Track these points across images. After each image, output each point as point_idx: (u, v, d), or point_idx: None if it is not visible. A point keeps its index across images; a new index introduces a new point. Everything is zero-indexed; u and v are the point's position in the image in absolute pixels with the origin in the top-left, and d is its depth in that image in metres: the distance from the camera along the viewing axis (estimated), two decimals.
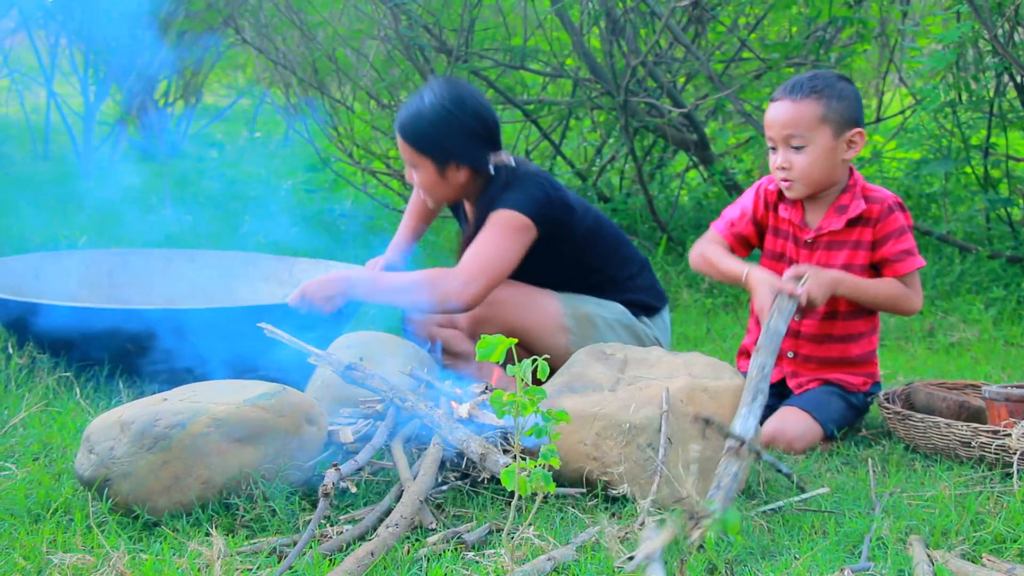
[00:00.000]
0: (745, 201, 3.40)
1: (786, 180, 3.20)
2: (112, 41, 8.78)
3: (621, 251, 3.64)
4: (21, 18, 9.09)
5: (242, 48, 8.79)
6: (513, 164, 3.48)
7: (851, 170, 3.27)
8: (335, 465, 2.40)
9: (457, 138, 3.36)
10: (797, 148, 3.16)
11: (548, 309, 3.46)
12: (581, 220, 3.51)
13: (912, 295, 3.25)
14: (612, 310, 3.53)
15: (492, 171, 3.43)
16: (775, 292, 3.05)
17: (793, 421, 3.11)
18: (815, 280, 3.08)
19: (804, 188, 3.21)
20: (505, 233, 3.32)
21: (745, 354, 3.43)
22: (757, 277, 3.18)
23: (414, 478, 2.44)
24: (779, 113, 3.17)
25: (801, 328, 3.30)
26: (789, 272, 3.12)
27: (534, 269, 3.45)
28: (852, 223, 3.22)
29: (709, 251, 3.40)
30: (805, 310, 3.12)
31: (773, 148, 3.22)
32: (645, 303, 3.61)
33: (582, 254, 3.53)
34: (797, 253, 3.29)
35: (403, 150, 3.43)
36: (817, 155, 3.15)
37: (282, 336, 2.81)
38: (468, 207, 3.60)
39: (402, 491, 2.43)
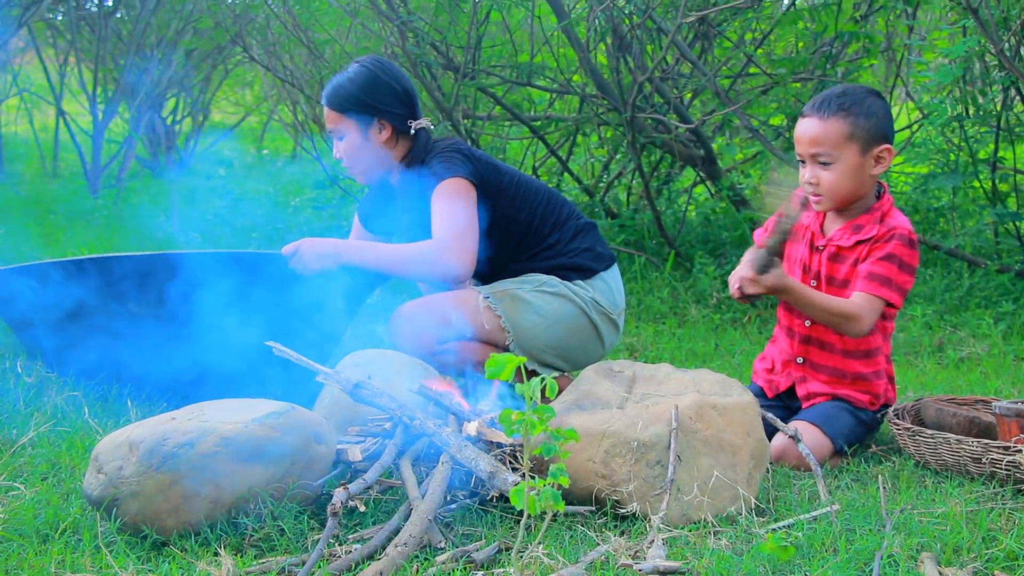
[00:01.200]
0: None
1: (814, 195, 3.22)
2: (120, 60, 8.83)
3: (559, 212, 3.68)
4: (30, 37, 9.13)
5: (250, 66, 8.82)
6: (431, 128, 3.65)
7: (884, 191, 3.28)
8: (343, 484, 2.40)
9: (379, 94, 3.53)
10: (824, 164, 3.17)
11: (466, 295, 3.54)
12: (509, 180, 3.60)
13: (858, 314, 3.15)
14: (531, 281, 3.58)
15: (413, 133, 3.58)
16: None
17: (803, 436, 3.10)
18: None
19: (831, 203, 3.23)
20: (456, 199, 3.42)
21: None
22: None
23: (423, 497, 2.44)
24: (807, 130, 3.19)
25: (811, 333, 3.30)
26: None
27: None
28: (861, 242, 3.22)
29: None
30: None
31: (802, 162, 3.24)
32: (580, 266, 3.64)
33: (516, 212, 3.60)
34: (810, 258, 3.32)
35: (329, 120, 3.59)
36: (844, 172, 3.17)
37: (291, 355, 2.80)
38: (394, 178, 3.68)
39: (411, 510, 2.43)
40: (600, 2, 5.26)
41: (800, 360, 3.33)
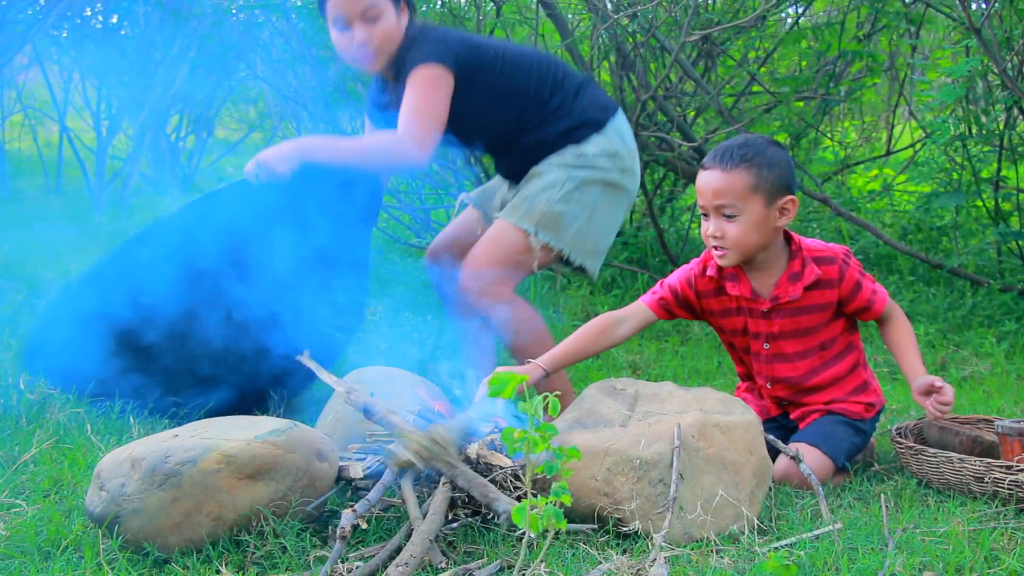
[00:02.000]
0: (673, 284, 3.37)
1: (719, 248, 3.17)
2: (125, 76, 8.84)
3: (554, 73, 3.67)
4: (34, 53, 9.15)
5: (254, 82, 8.83)
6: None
7: (788, 234, 3.25)
8: (351, 507, 2.40)
9: None
10: (729, 217, 3.12)
11: (513, 234, 3.57)
12: (493, 53, 3.60)
13: (904, 318, 3.29)
14: (553, 184, 3.59)
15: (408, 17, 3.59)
16: None
17: (804, 457, 3.10)
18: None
19: (737, 256, 3.17)
20: (425, 87, 3.42)
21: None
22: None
23: (424, 516, 2.44)
24: (710, 182, 3.12)
25: (775, 371, 3.30)
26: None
27: (473, 110, 3.55)
28: (810, 288, 3.21)
29: (588, 327, 3.39)
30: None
31: (705, 215, 3.18)
32: (590, 120, 3.64)
33: (509, 83, 3.59)
34: (756, 324, 3.27)
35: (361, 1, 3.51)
36: (749, 224, 3.11)
37: (316, 368, 2.84)
38: (390, 77, 3.66)
39: (411, 530, 2.42)
40: (604, 20, 5.28)
41: (768, 385, 3.33)
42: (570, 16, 6.25)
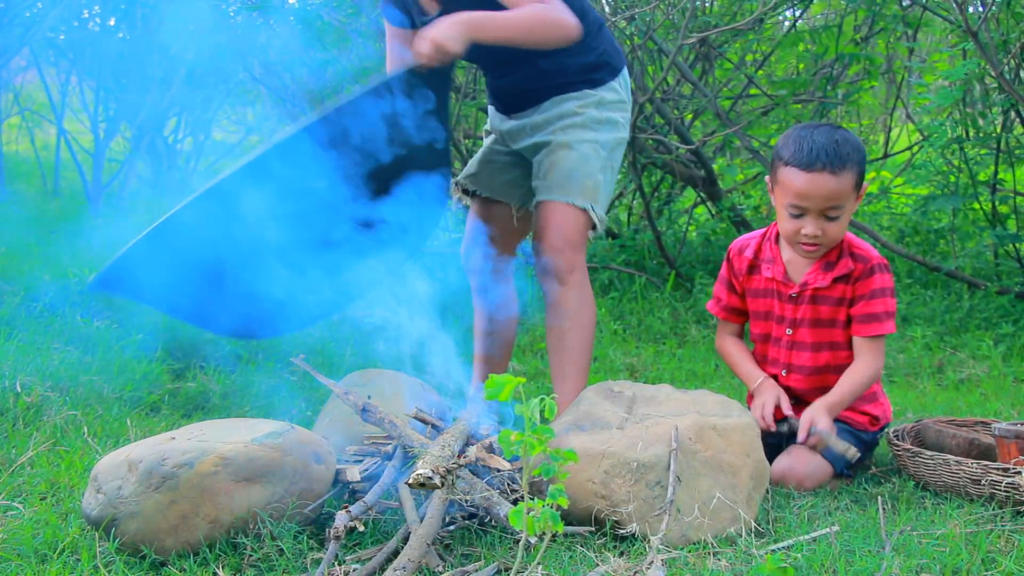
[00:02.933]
0: (722, 275, 3.44)
1: (811, 245, 3.16)
2: (122, 79, 8.84)
3: (581, 1, 3.52)
4: (32, 56, 9.16)
5: (251, 85, 8.84)
6: None
7: None
8: (345, 507, 2.40)
9: None
10: (832, 218, 3.12)
11: (563, 211, 3.44)
12: None
13: (877, 366, 3.23)
14: (585, 153, 3.46)
15: None
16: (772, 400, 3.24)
17: (803, 461, 3.10)
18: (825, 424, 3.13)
19: (827, 250, 3.22)
20: None
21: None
22: (763, 387, 3.31)
23: (421, 520, 2.44)
24: (821, 186, 3.05)
25: (792, 359, 3.30)
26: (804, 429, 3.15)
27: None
28: (838, 280, 3.22)
29: (727, 351, 3.48)
30: None
31: (799, 215, 3.13)
32: (610, 62, 3.54)
33: None
34: (783, 308, 3.30)
35: None
36: (847, 219, 3.16)
37: (312, 371, 2.83)
38: None
39: (408, 533, 2.42)
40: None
41: (784, 372, 3.34)
42: None
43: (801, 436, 3.09)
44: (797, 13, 6.53)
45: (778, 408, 3.24)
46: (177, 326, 4.14)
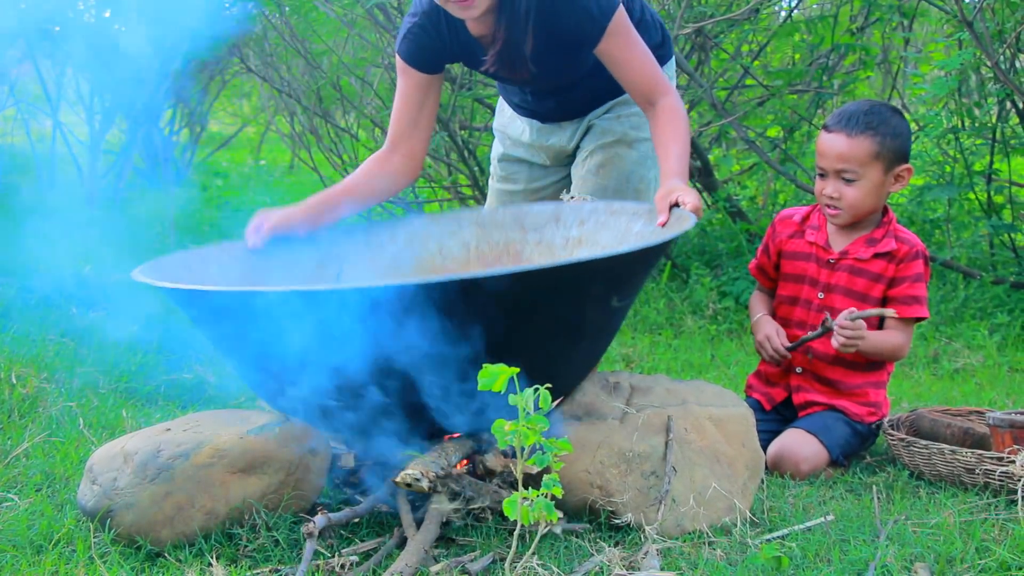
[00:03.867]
0: (766, 239, 3.52)
1: (834, 208, 3.27)
2: (117, 71, 8.81)
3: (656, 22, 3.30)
4: (27, 48, 9.13)
5: (247, 77, 8.83)
6: None
7: (886, 208, 3.35)
8: (321, 509, 2.40)
9: None
10: (849, 181, 3.21)
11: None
12: None
13: (905, 343, 3.31)
14: (644, 153, 3.27)
15: None
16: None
17: (800, 443, 3.11)
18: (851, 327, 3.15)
19: (850, 218, 3.28)
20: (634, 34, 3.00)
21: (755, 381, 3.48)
22: (763, 320, 3.42)
23: (417, 526, 2.44)
24: (834, 146, 3.21)
25: (813, 346, 3.32)
26: (844, 315, 3.17)
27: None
28: (879, 256, 3.28)
29: (752, 300, 3.59)
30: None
31: (822, 175, 3.27)
32: (666, 39, 3.31)
33: None
34: (819, 272, 3.35)
35: None
36: (867, 189, 3.22)
37: None
38: (485, 30, 3.02)
39: (403, 537, 2.43)
40: None
41: (799, 370, 3.35)
42: None
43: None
44: (793, 3, 6.52)
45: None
46: (173, 318, 4.14)
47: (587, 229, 3.12)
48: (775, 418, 3.35)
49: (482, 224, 3.30)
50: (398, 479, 2.37)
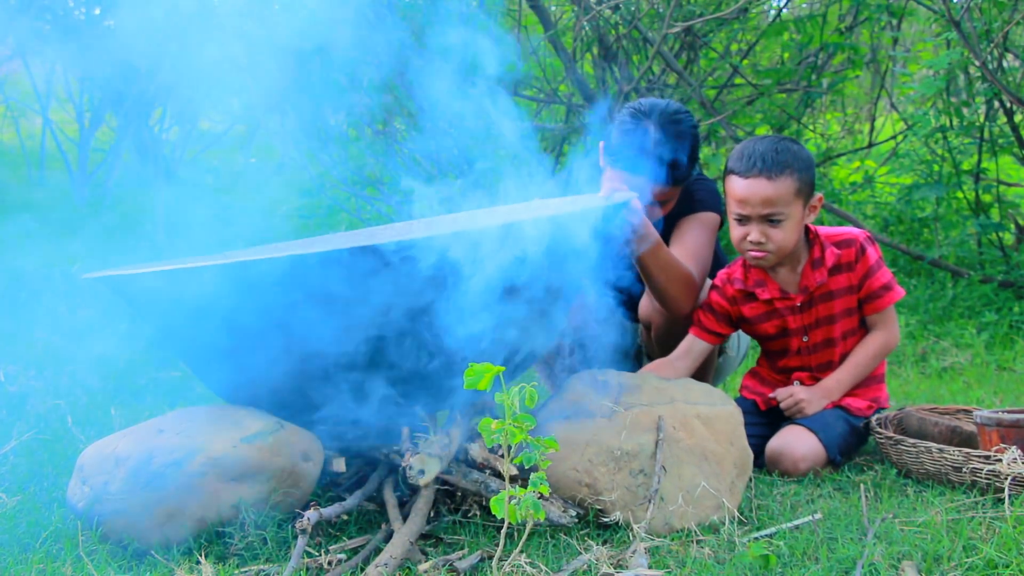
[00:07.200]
0: (711, 302, 3.42)
1: (760, 252, 3.22)
2: (107, 68, 8.79)
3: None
4: (17, 45, 9.11)
5: (237, 74, 8.81)
6: None
7: (807, 227, 3.31)
8: (314, 505, 2.40)
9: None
10: (775, 222, 3.17)
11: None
12: None
13: (888, 336, 3.33)
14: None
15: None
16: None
17: (799, 440, 3.12)
18: (808, 399, 3.27)
19: (776, 258, 3.24)
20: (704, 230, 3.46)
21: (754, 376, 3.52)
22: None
23: (404, 520, 2.44)
24: (756, 191, 3.15)
25: (812, 361, 3.34)
26: (782, 396, 3.30)
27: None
28: (833, 271, 3.26)
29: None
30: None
31: (741, 221, 3.21)
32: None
33: None
34: (794, 320, 3.33)
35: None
36: (792, 227, 3.19)
37: None
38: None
39: (390, 532, 2.43)
40: (586, 12, 5.28)
41: (797, 384, 3.36)
42: (553, 8, 6.25)
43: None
44: (782, 2, 6.54)
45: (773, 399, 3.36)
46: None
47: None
48: (771, 420, 3.35)
49: None
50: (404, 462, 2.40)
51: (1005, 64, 5.24)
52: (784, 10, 6.63)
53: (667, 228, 3.42)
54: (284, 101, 6.61)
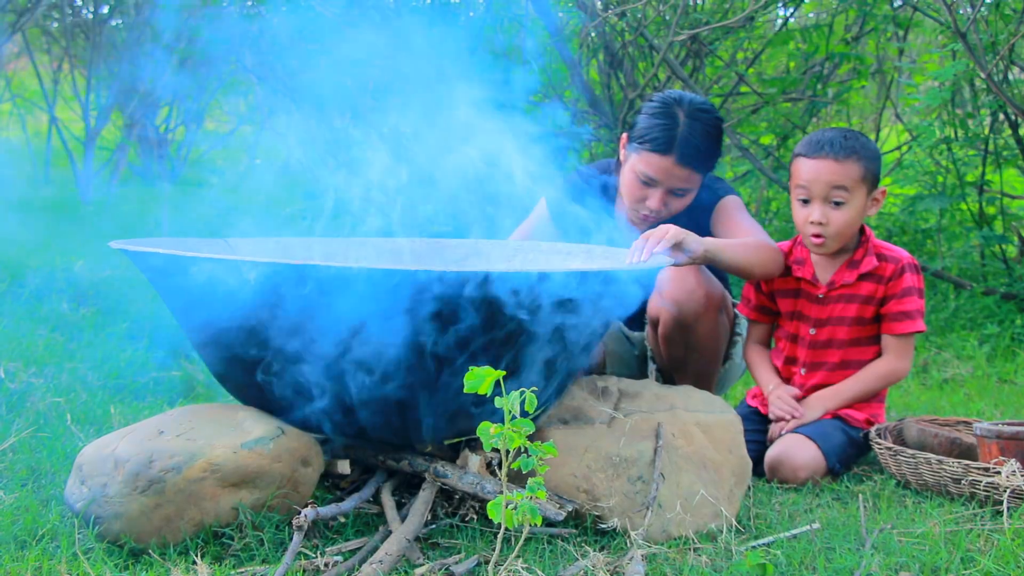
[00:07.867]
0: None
1: (819, 236, 3.26)
2: (115, 67, 8.82)
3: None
4: (24, 43, 9.13)
5: (244, 75, 8.82)
6: None
7: (863, 227, 3.36)
8: (311, 503, 2.40)
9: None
10: (837, 204, 3.23)
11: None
12: None
13: (899, 364, 3.34)
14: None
15: None
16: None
17: (798, 449, 3.12)
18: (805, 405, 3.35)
19: (835, 244, 3.29)
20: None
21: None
22: (778, 390, 3.39)
23: (402, 520, 2.44)
24: (823, 171, 3.21)
25: (809, 357, 3.37)
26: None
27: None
28: (863, 277, 3.30)
29: (751, 360, 3.52)
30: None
31: (805, 201, 3.27)
32: None
33: None
34: (808, 308, 3.37)
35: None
36: (853, 212, 3.24)
37: None
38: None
39: (388, 533, 2.43)
40: (592, 19, 5.28)
41: (803, 371, 3.38)
42: (560, 14, 6.25)
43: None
44: (788, 11, 6.54)
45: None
46: (161, 314, 4.15)
47: (514, 265, 3.20)
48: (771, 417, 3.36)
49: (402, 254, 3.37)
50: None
51: (1011, 76, 5.24)
52: (790, 19, 6.63)
53: (689, 219, 3.36)
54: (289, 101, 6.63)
